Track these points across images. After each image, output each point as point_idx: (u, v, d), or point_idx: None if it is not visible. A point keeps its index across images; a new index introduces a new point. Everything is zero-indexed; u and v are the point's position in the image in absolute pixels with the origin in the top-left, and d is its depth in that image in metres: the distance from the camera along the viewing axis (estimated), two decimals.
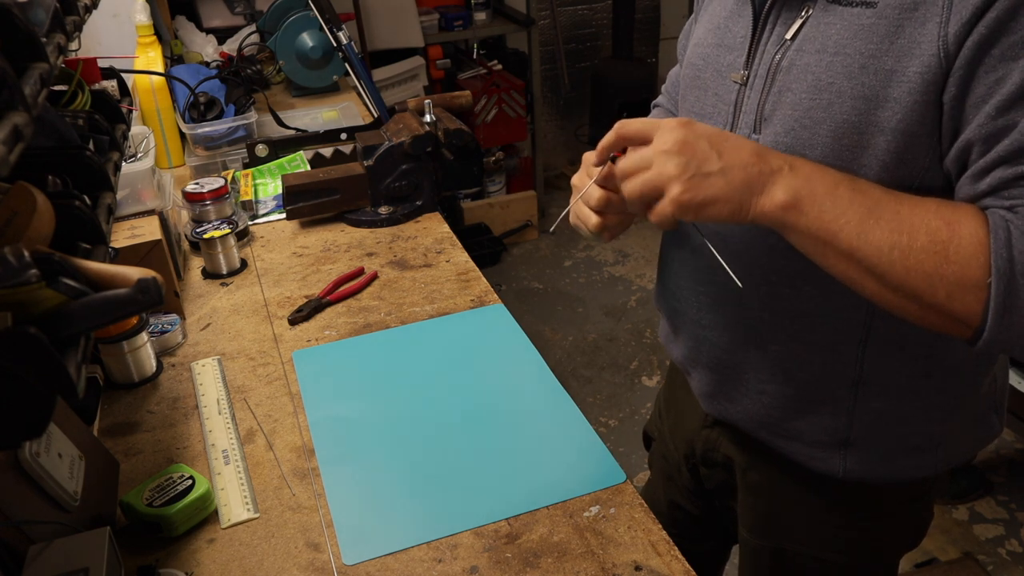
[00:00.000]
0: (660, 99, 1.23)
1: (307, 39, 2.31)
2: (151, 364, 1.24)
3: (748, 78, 0.89)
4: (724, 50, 0.93)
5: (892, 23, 0.77)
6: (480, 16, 3.66)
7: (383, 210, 1.64)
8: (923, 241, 0.73)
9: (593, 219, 0.89)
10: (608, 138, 0.83)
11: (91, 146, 0.99)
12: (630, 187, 0.79)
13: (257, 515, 0.97)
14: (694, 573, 0.86)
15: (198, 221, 1.58)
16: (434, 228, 1.62)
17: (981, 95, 0.74)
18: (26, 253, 0.59)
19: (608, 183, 0.87)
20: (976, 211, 0.75)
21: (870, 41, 0.78)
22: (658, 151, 0.77)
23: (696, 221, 0.78)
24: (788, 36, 0.85)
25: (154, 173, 1.45)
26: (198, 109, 1.93)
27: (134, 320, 1.20)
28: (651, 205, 0.79)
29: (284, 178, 1.63)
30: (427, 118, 1.66)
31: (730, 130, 0.92)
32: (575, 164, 0.86)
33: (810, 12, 0.83)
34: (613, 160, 0.85)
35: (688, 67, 1.00)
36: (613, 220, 0.90)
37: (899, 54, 0.77)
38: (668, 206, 0.76)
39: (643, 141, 0.80)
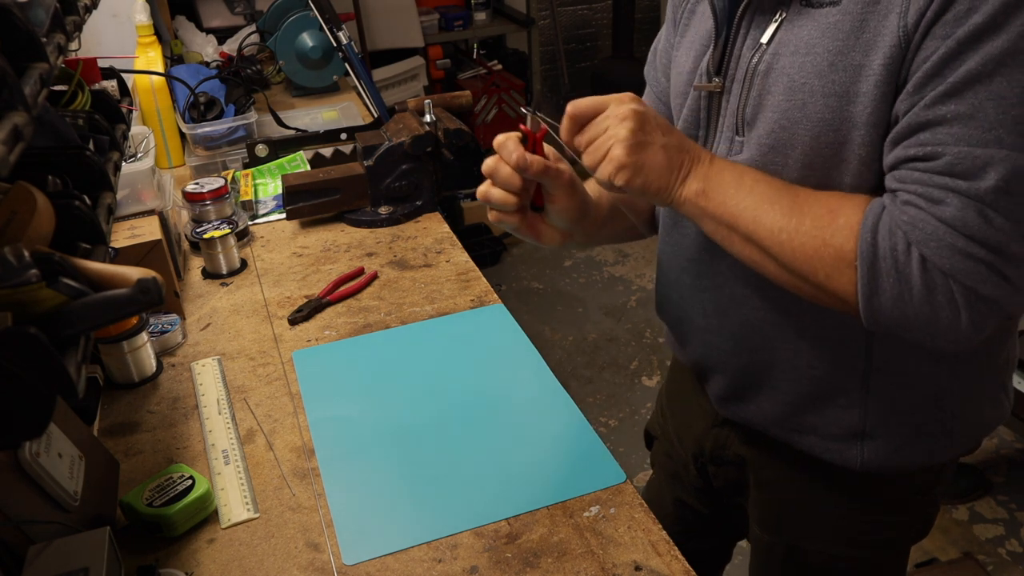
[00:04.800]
0: None
1: (307, 39, 2.31)
2: (151, 364, 1.24)
3: (725, 84, 0.90)
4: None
5: (856, 19, 0.78)
6: (480, 16, 3.66)
7: (383, 210, 1.64)
8: (808, 225, 0.79)
9: (496, 196, 0.88)
10: (564, 124, 0.85)
11: (91, 146, 0.99)
12: (587, 155, 0.84)
13: (257, 515, 0.97)
14: (694, 573, 0.86)
15: (198, 221, 1.58)
16: (434, 228, 1.62)
17: (912, 72, 0.76)
18: (26, 253, 0.59)
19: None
20: (862, 199, 0.80)
21: (836, 38, 0.79)
22: (613, 116, 0.82)
23: (625, 188, 0.82)
24: (764, 40, 0.86)
25: (154, 173, 1.45)
26: (198, 109, 1.93)
27: (134, 320, 1.20)
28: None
29: (284, 178, 1.63)
30: (427, 118, 1.66)
31: (707, 135, 0.94)
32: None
33: (784, 16, 0.84)
34: (524, 140, 0.86)
35: (680, 96, 1.00)
36: (510, 200, 0.88)
37: (865, 48, 0.78)
38: (608, 164, 0.81)
39: (596, 114, 0.84)
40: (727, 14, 0.89)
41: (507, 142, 0.86)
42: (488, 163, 0.88)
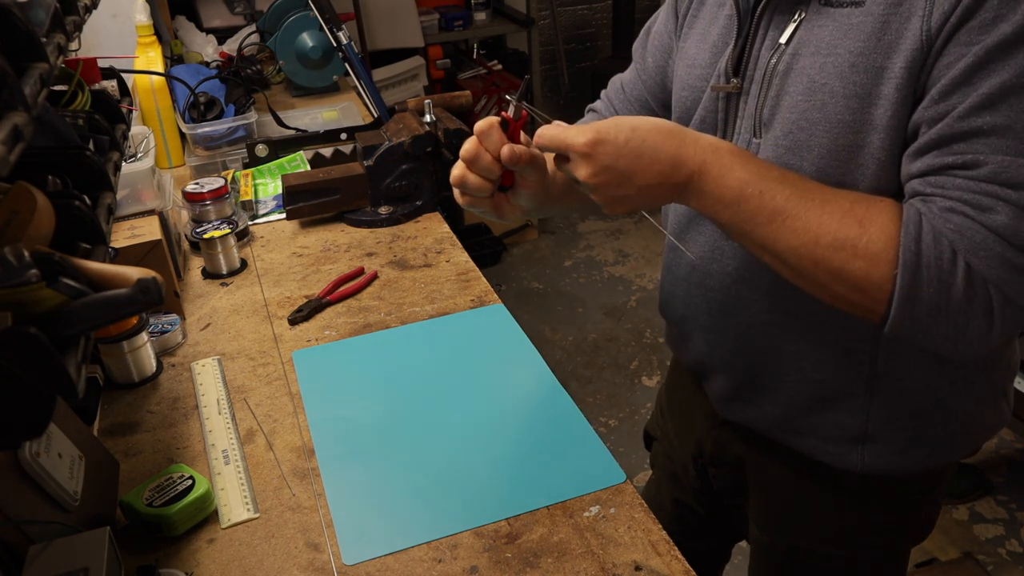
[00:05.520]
0: (597, 104, 1.20)
1: (307, 39, 2.31)
2: (151, 364, 1.24)
3: (743, 85, 0.90)
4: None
5: (878, 20, 0.78)
6: (480, 16, 3.66)
7: (383, 210, 1.64)
8: (829, 240, 0.76)
9: (472, 182, 0.88)
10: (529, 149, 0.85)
11: (91, 146, 0.99)
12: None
13: (257, 515, 0.97)
14: (694, 573, 0.86)
15: (198, 221, 1.58)
16: (434, 228, 1.62)
17: (936, 78, 0.75)
18: (26, 253, 0.59)
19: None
20: (892, 206, 0.78)
21: (858, 40, 0.79)
22: (580, 178, 0.81)
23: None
24: (783, 40, 0.85)
25: (154, 173, 1.45)
26: (198, 109, 1.93)
27: (134, 320, 1.20)
28: None
29: (284, 178, 1.63)
30: (427, 118, 1.66)
31: (723, 138, 0.92)
32: None
33: (803, 16, 0.84)
34: (504, 125, 0.85)
35: (688, 90, 0.99)
36: (486, 187, 0.88)
37: (886, 51, 0.77)
38: (605, 210, 0.84)
39: (559, 150, 0.82)
40: (746, 14, 0.89)
41: (490, 131, 0.85)
42: (468, 149, 0.86)
